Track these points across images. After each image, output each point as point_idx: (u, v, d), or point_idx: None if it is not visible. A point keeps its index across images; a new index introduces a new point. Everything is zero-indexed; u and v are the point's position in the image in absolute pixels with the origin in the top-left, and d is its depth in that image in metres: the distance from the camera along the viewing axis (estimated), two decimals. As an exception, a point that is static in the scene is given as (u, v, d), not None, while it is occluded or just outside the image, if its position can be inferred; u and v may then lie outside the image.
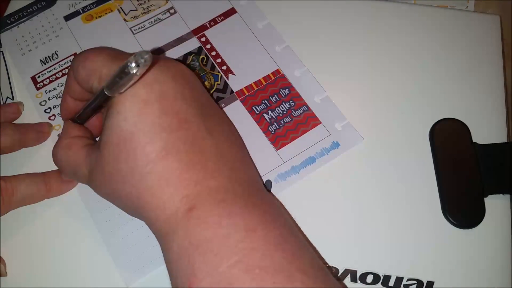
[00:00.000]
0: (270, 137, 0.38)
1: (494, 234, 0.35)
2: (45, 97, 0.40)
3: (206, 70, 0.41)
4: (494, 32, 0.42)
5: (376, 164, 0.38)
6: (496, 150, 0.37)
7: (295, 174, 0.37)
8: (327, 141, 0.38)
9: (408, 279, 0.34)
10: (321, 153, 0.38)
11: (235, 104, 0.39)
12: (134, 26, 0.42)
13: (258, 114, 0.39)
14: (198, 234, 0.26)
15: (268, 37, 0.42)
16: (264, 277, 0.25)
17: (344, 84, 0.40)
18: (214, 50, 0.41)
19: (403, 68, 0.41)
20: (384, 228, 0.36)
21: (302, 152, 0.38)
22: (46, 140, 0.38)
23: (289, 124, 0.39)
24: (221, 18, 0.43)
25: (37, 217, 0.36)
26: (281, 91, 0.40)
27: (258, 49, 0.41)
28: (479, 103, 0.40)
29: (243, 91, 0.40)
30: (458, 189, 0.36)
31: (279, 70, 0.41)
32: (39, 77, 0.41)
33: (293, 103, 0.39)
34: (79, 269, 0.35)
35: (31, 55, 0.41)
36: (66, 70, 0.41)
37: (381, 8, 0.43)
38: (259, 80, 0.40)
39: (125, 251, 0.35)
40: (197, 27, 0.42)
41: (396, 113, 0.39)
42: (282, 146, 0.38)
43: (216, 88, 0.40)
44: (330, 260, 0.35)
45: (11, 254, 0.35)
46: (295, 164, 0.37)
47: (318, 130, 0.38)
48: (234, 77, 0.41)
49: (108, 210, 0.36)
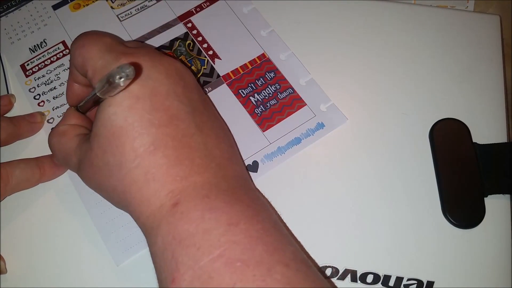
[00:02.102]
0: (257, 119, 0.39)
1: (494, 234, 0.35)
2: (34, 84, 0.40)
3: (192, 55, 0.41)
4: (494, 32, 0.42)
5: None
6: (496, 150, 0.37)
7: (281, 155, 0.38)
8: (312, 122, 0.39)
9: (408, 279, 0.34)
10: (306, 133, 0.38)
11: (221, 87, 0.40)
12: (121, 13, 0.43)
13: (245, 97, 0.40)
14: (181, 229, 0.27)
15: (254, 22, 0.42)
16: (244, 270, 0.25)
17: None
18: (201, 36, 0.42)
19: (403, 68, 0.41)
20: (384, 228, 0.36)
21: (287, 133, 0.38)
22: (40, 130, 0.39)
23: (275, 107, 0.39)
24: (207, 4, 0.43)
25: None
26: (267, 74, 0.40)
27: (243, 34, 0.42)
28: (479, 103, 0.39)
29: (229, 75, 0.41)
30: (458, 189, 0.36)
31: (264, 54, 0.41)
32: (28, 65, 0.41)
33: (279, 86, 0.40)
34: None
35: (20, 44, 0.42)
36: (54, 58, 0.41)
37: (381, 8, 0.43)
38: (245, 64, 0.41)
39: (115, 232, 0.35)
40: (183, 13, 0.43)
41: (396, 113, 0.39)
42: (268, 128, 0.39)
43: (203, 73, 0.41)
44: (330, 260, 0.35)
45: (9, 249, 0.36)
46: (281, 144, 0.38)
47: (303, 112, 0.39)
48: (220, 61, 0.41)
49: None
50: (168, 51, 0.41)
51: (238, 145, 0.38)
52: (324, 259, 0.35)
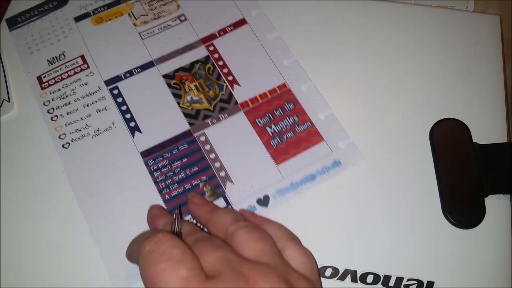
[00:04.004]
0: (271, 151, 0.38)
1: (494, 234, 0.35)
2: (49, 97, 0.40)
3: (211, 80, 0.40)
4: (494, 32, 0.42)
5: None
6: (496, 150, 0.37)
7: (294, 191, 0.37)
8: (329, 159, 0.38)
9: (408, 279, 0.34)
10: (321, 171, 0.37)
11: (238, 115, 0.39)
12: (143, 31, 0.42)
13: (261, 127, 0.39)
14: None
15: (277, 50, 0.41)
16: None
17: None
18: (222, 60, 0.41)
19: (403, 68, 0.41)
20: (384, 228, 0.36)
21: (302, 169, 0.37)
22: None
23: (291, 140, 0.38)
24: (231, 28, 0.42)
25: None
26: (286, 105, 0.39)
27: (265, 62, 0.41)
28: (479, 103, 0.39)
29: (248, 103, 0.40)
30: (458, 189, 0.36)
31: (285, 84, 0.40)
32: (45, 77, 0.41)
33: (297, 118, 0.39)
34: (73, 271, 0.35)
35: (38, 55, 0.41)
36: (72, 72, 0.41)
37: (381, 8, 0.43)
38: (264, 93, 0.40)
39: (119, 255, 0.34)
40: (206, 35, 0.42)
41: (396, 113, 0.39)
42: (283, 161, 0.37)
43: (221, 98, 0.40)
44: (330, 260, 0.34)
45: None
46: (295, 180, 0.37)
47: (320, 147, 0.38)
48: (240, 88, 0.40)
49: (104, 219, 0.36)
50: (187, 74, 0.40)
51: (250, 176, 0.37)
52: (324, 260, 0.34)
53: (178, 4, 0.43)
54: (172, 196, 0.36)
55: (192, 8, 0.43)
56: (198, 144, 0.38)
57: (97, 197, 0.36)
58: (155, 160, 0.37)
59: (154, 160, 0.37)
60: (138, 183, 0.37)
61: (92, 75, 0.41)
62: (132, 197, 0.36)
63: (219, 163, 0.37)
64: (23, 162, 0.38)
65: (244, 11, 0.43)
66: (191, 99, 0.40)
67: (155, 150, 0.38)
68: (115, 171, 0.37)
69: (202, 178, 0.37)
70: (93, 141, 0.38)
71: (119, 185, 0.37)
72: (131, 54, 0.41)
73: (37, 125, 0.39)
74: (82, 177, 0.37)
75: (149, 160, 0.37)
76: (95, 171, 0.37)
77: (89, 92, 0.40)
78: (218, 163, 0.37)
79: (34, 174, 0.37)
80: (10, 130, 0.39)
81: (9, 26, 0.43)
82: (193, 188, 0.37)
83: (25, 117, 0.39)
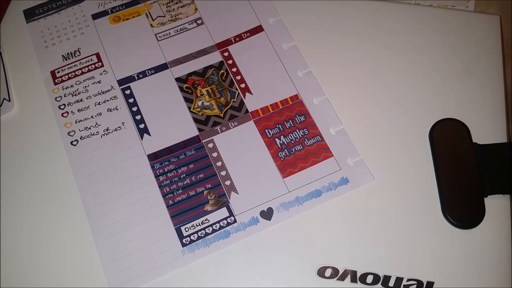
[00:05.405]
0: (279, 163, 0.37)
1: (494, 234, 0.35)
2: (61, 93, 0.40)
3: (224, 86, 0.40)
4: (494, 32, 0.42)
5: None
6: (496, 150, 0.37)
7: (299, 205, 0.36)
8: (337, 175, 0.37)
9: (408, 279, 0.34)
10: (328, 187, 0.37)
11: (248, 124, 0.39)
12: (159, 32, 0.42)
13: (270, 138, 0.38)
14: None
15: (292, 60, 0.41)
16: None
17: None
18: (235, 67, 0.41)
19: (403, 68, 0.41)
20: (384, 229, 0.35)
21: (308, 184, 0.37)
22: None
23: (299, 153, 0.38)
24: (247, 34, 0.42)
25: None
26: (297, 117, 0.39)
27: (279, 71, 0.41)
28: (479, 103, 0.39)
29: (258, 112, 0.39)
30: (458, 189, 0.36)
31: (298, 95, 0.40)
32: (58, 72, 0.41)
33: (307, 132, 0.38)
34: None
35: (53, 49, 0.42)
36: (86, 69, 0.41)
37: (381, 8, 0.43)
38: (276, 103, 0.39)
39: (117, 260, 0.35)
40: (222, 41, 0.42)
41: (396, 113, 0.39)
42: (290, 175, 0.37)
43: (232, 106, 0.39)
44: (330, 260, 0.34)
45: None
46: (300, 195, 0.36)
47: (329, 163, 0.37)
48: (251, 96, 0.40)
49: (105, 219, 0.36)
50: (200, 79, 0.40)
51: (255, 187, 0.36)
52: (324, 260, 0.34)
53: (196, 6, 0.43)
54: (175, 201, 0.36)
55: (209, 11, 0.43)
56: (206, 150, 0.38)
57: (100, 196, 0.36)
58: (162, 164, 0.37)
59: (161, 164, 0.37)
60: (142, 186, 0.37)
61: (106, 74, 0.40)
62: (135, 199, 0.36)
63: (225, 172, 0.37)
64: (23, 162, 0.38)
65: (262, 17, 0.43)
66: (202, 104, 0.39)
67: (163, 154, 0.38)
68: (121, 172, 0.37)
69: (207, 186, 0.37)
70: (101, 140, 0.38)
71: (124, 186, 0.37)
72: (146, 55, 0.41)
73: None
74: (88, 175, 0.37)
75: (155, 164, 0.37)
76: (101, 170, 0.37)
77: (101, 91, 0.40)
78: (224, 172, 0.37)
79: (38, 172, 0.38)
80: (10, 129, 0.39)
81: (26, 18, 0.43)
82: (197, 195, 0.36)
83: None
